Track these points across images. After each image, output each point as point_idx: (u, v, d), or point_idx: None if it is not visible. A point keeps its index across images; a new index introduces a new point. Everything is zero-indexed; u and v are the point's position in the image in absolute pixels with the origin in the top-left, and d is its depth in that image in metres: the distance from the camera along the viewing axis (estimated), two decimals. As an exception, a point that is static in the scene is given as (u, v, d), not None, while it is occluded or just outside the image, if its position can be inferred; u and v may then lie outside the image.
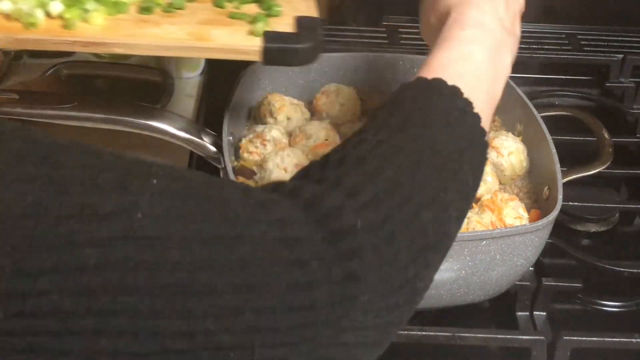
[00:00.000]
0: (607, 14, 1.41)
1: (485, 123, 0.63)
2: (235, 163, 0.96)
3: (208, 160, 0.92)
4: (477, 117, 0.61)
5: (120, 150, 0.48)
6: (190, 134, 0.91)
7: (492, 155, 0.95)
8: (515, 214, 0.88)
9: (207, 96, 1.21)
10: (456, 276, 0.82)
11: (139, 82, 1.25)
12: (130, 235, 0.43)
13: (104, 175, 0.45)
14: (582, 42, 1.37)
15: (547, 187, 0.91)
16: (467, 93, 0.62)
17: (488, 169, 0.92)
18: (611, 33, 1.39)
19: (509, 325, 0.90)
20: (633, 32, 1.39)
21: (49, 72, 1.22)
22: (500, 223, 0.87)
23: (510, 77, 1.05)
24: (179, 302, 0.44)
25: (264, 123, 1.02)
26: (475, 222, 0.86)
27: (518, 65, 1.29)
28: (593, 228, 1.05)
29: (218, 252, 0.46)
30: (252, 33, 0.79)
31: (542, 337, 0.85)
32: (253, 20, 0.81)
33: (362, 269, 0.49)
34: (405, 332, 0.83)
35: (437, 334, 0.84)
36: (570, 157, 0.97)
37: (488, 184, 0.92)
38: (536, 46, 1.34)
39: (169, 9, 0.82)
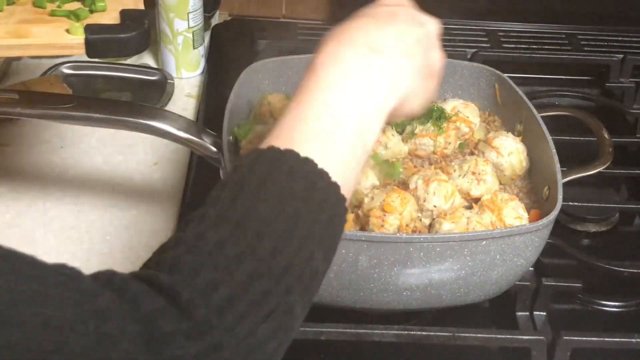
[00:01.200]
0: (607, 14, 1.41)
1: (345, 187, 0.58)
2: (236, 163, 0.96)
3: (208, 160, 0.92)
4: (333, 187, 0.57)
5: None
6: (190, 134, 0.90)
7: (492, 155, 0.95)
8: (515, 214, 0.87)
9: (207, 96, 1.21)
10: (456, 276, 0.82)
11: (139, 82, 1.25)
12: None
13: None
14: (582, 42, 1.37)
15: (547, 187, 0.91)
16: (322, 159, 0.56)
17: (488, 169, 0.92)
18: (611, 33, 1.39)
19: (509, 325, 0.90)
20: (633, 32, 1.39)
21: (49, 72, 1.23)
22: (500, 223, 0.86)
23: (510, 77, 1.06)
24: None
25: (264, 123, 1.02)
26: (475, 222, 0.85)
27: (518, 65, 1.31)
28: (593, 228, 1.05)
29: (40, 337, 0.44)
30: (74, 28, 0.80)
31: (542, 337, 0.85)
32: (75, 16, 0.81)
33: None
34: (406, 332, 0.83)
35: (437, 334, 0.84)
36: (570, 157, 0.97)
37: (488, 184, 0.92)
38: (536, 46, 1.35)
39: None
